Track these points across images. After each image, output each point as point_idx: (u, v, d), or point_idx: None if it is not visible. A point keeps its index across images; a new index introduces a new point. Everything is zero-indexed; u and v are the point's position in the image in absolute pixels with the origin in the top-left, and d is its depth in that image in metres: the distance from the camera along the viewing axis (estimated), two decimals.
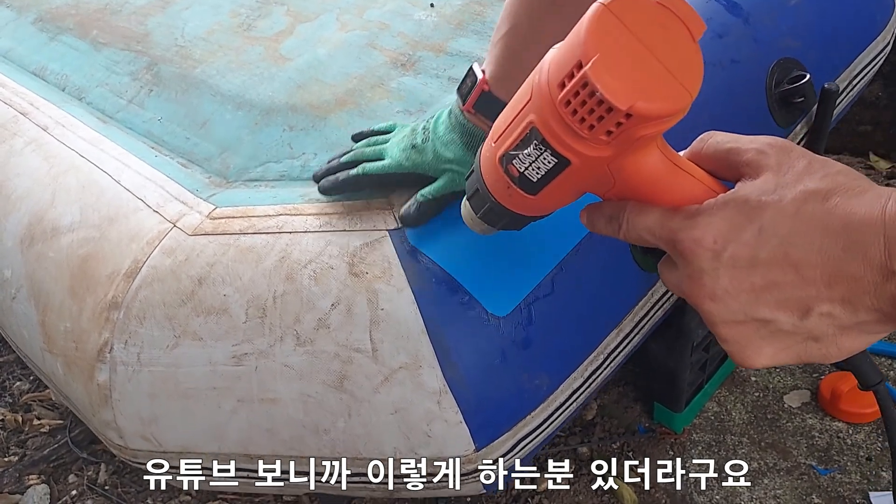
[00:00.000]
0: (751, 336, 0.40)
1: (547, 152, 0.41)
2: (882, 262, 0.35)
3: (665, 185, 0.41)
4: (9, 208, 0.81)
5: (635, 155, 0.40)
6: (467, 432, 0.62)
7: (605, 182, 0.42)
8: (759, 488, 1.00)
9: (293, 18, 0.95)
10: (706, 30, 0.40)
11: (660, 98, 0.37)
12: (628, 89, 0.36)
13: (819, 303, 0.37)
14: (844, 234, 0.36)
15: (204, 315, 0.64)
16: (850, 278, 0.36)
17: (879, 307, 0.36)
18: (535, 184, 0.43)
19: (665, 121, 0.38)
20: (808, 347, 0.39)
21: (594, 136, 0.38)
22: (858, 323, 0.37)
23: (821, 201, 0.37)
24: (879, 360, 1.14)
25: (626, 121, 0.37)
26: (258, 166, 0.76)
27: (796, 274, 0.37)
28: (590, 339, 0.69)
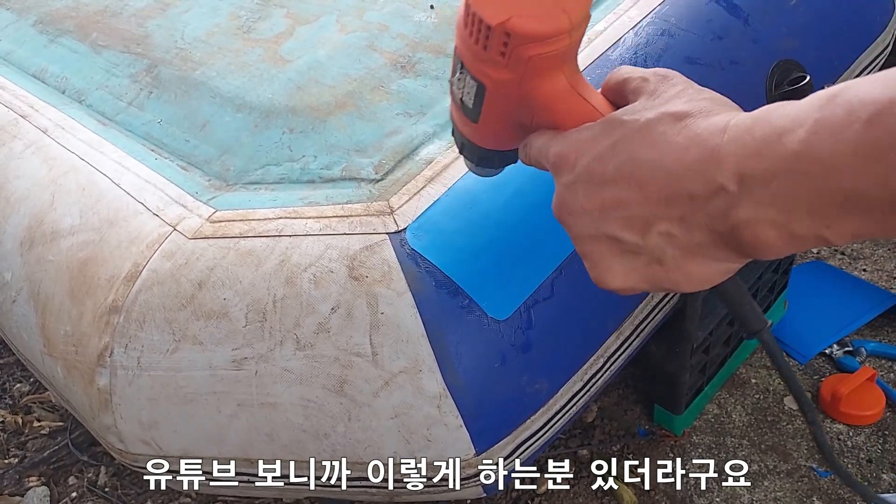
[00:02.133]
0: (603, 253, 0.41)
1: (468, 76, 0.44)
2: (713, 179, 0.34)
3: (564, 110, 0.43)
4: (8, 211, 0.80)
5: (540, 80, 0.42)
6: (467, 436, 0.62)
7: (526, 111, 0.44)
8: (759, 490, 1.00)
9: (293, 20, 0.95)
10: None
11: (534, 17, 0.39)
12: (501, 7, 0.39)
13: (658, 221, 0.38)
14: (684, 152, 0.36)
15: (204, 319, 0.64)
16: (686, 196, 0.36)
17: (710, 225, 0.36)
18: (472, 109, 0.46)
19: (547, 43, 0.39)
20: (655, 271, 0.40)
21: (491, 56, 0.41)
22: (697, 245, 0.37)
23: (674, 122, 0.37)
24: (880, 363, 1.14)
25: (508, 40, 0.39)
26: (258, 169, 0.76)
27: (640, 191, 0.37)
28: (590, 342, 0.69)
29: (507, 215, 0.65)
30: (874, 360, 1.14)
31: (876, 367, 1.12)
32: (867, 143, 0.29)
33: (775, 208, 0.33)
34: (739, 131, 0.34)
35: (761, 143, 0.33)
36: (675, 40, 0.76)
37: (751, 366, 1.16)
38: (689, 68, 0.76)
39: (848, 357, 1.14)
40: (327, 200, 0.68)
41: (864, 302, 1.20)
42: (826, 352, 1.16)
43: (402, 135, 0.74)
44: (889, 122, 0.29)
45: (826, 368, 1.15)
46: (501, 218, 0.65)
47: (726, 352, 1.08)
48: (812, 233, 0.33)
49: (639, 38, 0.76)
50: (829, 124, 0.30)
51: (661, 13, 0.78)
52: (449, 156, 0.69)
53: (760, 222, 0.34)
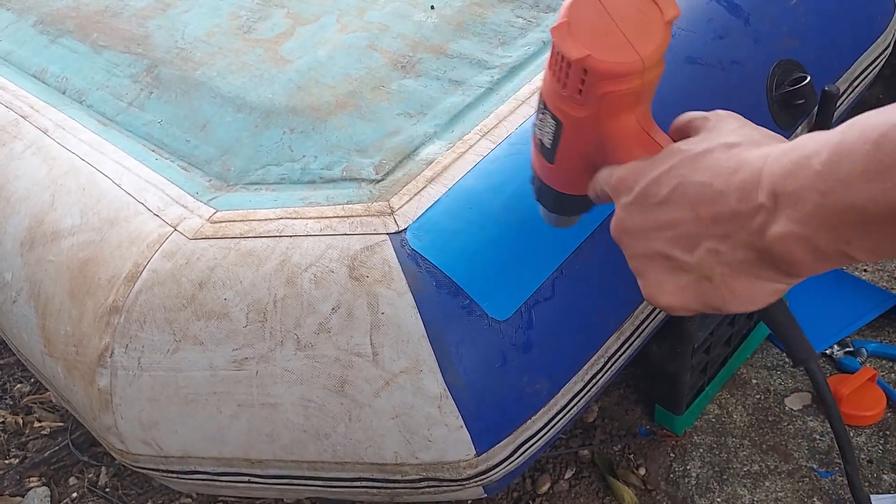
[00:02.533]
0: (655, 271, 0.44)
1: (548, 115, 0.47)
2: (753, 197, 0.37)
3: (635, 149, 0.46)
4: (9, 211, 0.80)
5: (614, 120, 0.45)
6: (468, 437, 0.62)
7: (600, 151, 0.47)
8: (760, 491, 1.00)
9: (293, 20, 0.95)
10: (681, 15, 0.44)
11: (610, 55, 0.42)
12: (581, 45, 0.42)
13: (706, 238, 0.40)
14: (733, 175, 0.39)
15: (204, 319, 0.64)
16: (730, 214, 0.39)
17: (752, 243, 0.38)
18: (549, 150, 0.49)
19: (621, 80, 0.43)
20: (704, 288, 0.42)
21: (570, 94, 0.44)
22: (741, 262, 0.40)
23: (726, 150, 0.40)
24: (881, 363, 1.14)
25: (586, 77, 0.43)
26: (258, 169, 0.76)
27: (692, 211, 0.40)
28: (591, 342, 0.69)
29: (507, 215, 0.64)
30: (875, 361, 1.14)
31: (877, 367, 1.12)
32: (874, 162, 0.32)
33: (802, 224, 0.35)
34: (778, 156, 0.37)
35: (794, 165, 0.35)
36: (675, 40, 0.76)
37: (752, 366, 1.16)
38: (689, 68, 0.76)
39: (849, 357, 1.14)
40: (328, 201, 0.68)
41: (865, 302, 1.20)
42: (827, 352, 1.16)
43: (402, 135, 0.74)
44: (892, 143, 0.31)
45: (827, 369, 1.14)
46: (502, 218, 0.65)
47: (727, 352, 1.08)
48: (834, 248, 0.35)
49: None
50: (846, 146, 0.33)
51: None
52: (449, 156, 0.69)
53: (790, 238, 0.36)
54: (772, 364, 1.16)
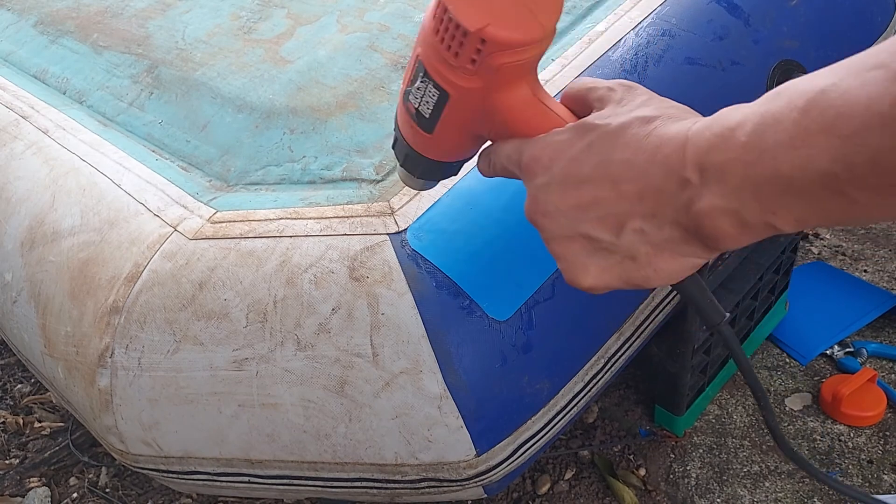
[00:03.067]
0: (578, 253, 0.43)
1: (430, 84, 0.44)
2: (678, 173, 0.37)
3: (530, 120, 0.44)
4: (9, 211, 0.81)
5: (505, 90, 0.43)
6: (468, 437, 0.62)
7: (486, 121, 0.45)
8: (760, 491, 1.00)
9: (293, 21, 0.95)
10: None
11: (511, 25, 0.40)
12: (479, 14, 0.40)
13: (631, 218, 0.39)
14: (655, 151, 0.38)
15: (205, 319, 0.64)
16: (655, 191, 0.38)
17: (678, 219, 0.38)
18: (428, 119, 0.46)
19: (520, 51, 0.41)
20: (628, 268, 0.42)
21: (461, 64, 0.42)
22: (667, 240, 0.39)
23: (644, 125, 0.39)
24: (881, 363, 1.14)
25: (482, 47, 0.40)
26: (259, 169, 0.76)
27: (614, 189, 0.39)
28: (591, 342, 0.69)
29: (507, 216, 0.64)
30: (875, 361, 1.14)
31: (877, 367, 1.12)
32: (800, 129, 0.32)
33: (728, 197, 0.35)
34: (700, 129, 0.36)
35: (718, 138, 0.35)
36: (675, 41, 0.76)
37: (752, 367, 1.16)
38: (689, 69, 0.76)
39: (849, 358, 1.14)
40: (328, 201, 0.68)
41: (866, 303, 1.20)
42: (827, 353, 1.16)
43: None
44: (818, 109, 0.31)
45: (827, 369, 1.14)
46: (502, 219, 0.65)
47: (727, 352, 1.08)
48: (761, 220, 0.35)
49: (639, 38, 0.76)
50: (772, 115, 0.33)
51: (661, 14, 0.78)
52: None
53: (716, 211, 0.36)
54: (772, 364, 1.16)
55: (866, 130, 0.30)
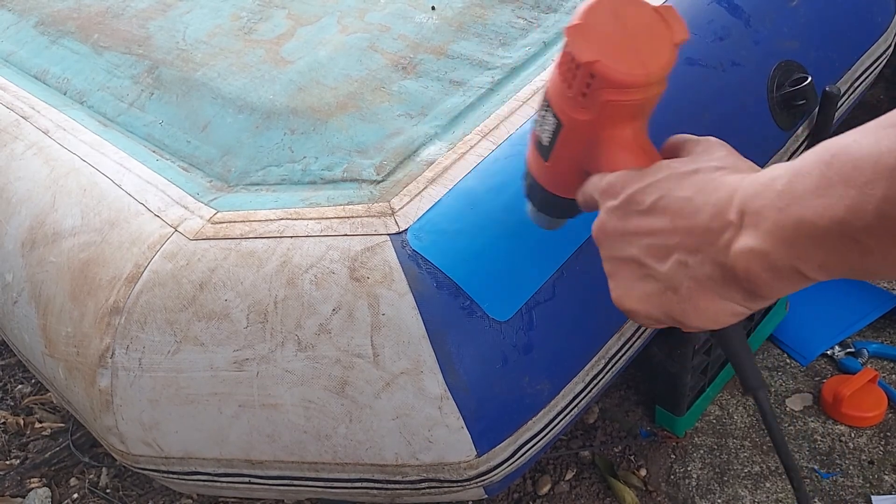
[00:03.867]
0: (626, 275, 0.46)
1: (549, 113, 0.48)
2: (724, 214, 0.39)
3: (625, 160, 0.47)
4: (10, 212, 0.81)
5: (611, 128, 0.46)
6: (469, 438, 0.62)
7: (593, 158, 0.48)
8: (760, 492, 1.00)
9: (294, 21, 0.95)
10: (688, 38, 0.46)
11: (619, 65, 0.43)
12: (593, 49, 0.43)
13: (678, 250, 0.42)
14: (712, 193, 0.41)
15: (205, 320, 0.64)
16: (703, 229, 0.41)
17: (718, 258, 0.40)
18: (545, 147, 0.50)
19: (625, 91, 0.44)
20: (669, 299, 0.44)
21: (573, 95, 0.45)
22: (708, 277, 0.42)
23: (711, 171, 0.42)
24: (882, 364, 1.14)
25: (592, 80, 0.44)
26: (259, 170, 0.76)
27: (669, 222, 0.42)
28: (591, 343, 0.69)
29: (508, 217, 0.64)
30: (876, 362, 1.14)
31: (878, 368, 1.12)
32: (823, 179, 0.35)
33: (761, 240, 0.37)
34: (752, 178, 0.39)
35: (762, 186, 0.38)
36: None
37: None
38: (690, 69, 0.76)
39: (850, 358, 1.14)
40: (328, 201, 0.68)
41: (866, 303, 1.20)
42: (828, 353, 1.15)
43: (403, 136, 0.74)
44: (840, 162, 0.34)
45: (828, 370, 1.14)
46: (502, 219, 0.65)
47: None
48: (788, 264, 0.37)
49: None
50: (804, 167, 0.36)
51: None
52: (450, 157, 0.69)
53: (749, 252, 0.38)
54: (773, 365, 1.16)
55: (875, 181, 0.33)
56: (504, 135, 0.70)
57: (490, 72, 0.79)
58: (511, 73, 0.79)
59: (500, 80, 0.78)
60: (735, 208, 0.39)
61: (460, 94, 0.77)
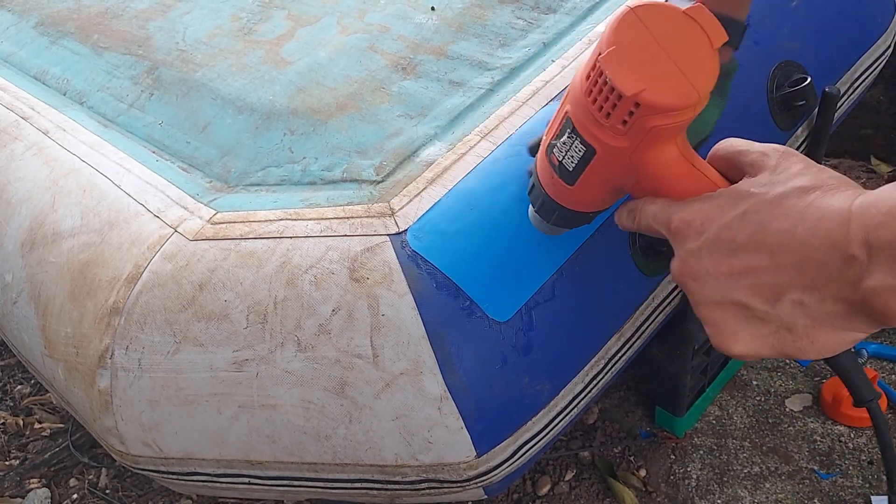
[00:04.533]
0: (728, 320, 0.42)
1: (577, 140, 0.45)
2: (844, 249, 0.36)
3: (678, 179, 0.45)
4: (10, 212, 0.81)
5: (654, 150, 0.43)
6: (468, 438, 0.62)
7: (630, 177, 0.46)
8: (760, 492, 1.00)
9: (294, 22, 0.95)
10: (727, 40, 0.43)
11: (666, 91, 0.40)
12: (636, 79, 0.40)
13: (790, 290, 0.39)
14: (816, 224, 0.38)
15: (205, 320, 0.64)
16: (818, 265, 0.38)
17: (843, 295, 0.38)
18: (571, 173, 0.48)
19: (673, 115, 0.41)
20: (783, 338, 0.41)
21: (612, 124, 0.42)
22: (828, 314, 0.39)
23: (802, 196, 0.39)
24: (882, 364, 1.14)
25: (636, 110, 0.41)
26: (259, 170, 0.76)
27: (771, 259, 0.39)
28: (591, 344, 0.69)
29: (507, 217, 0.64)
30: (876, 362, 1.14)
31: (877, 369, 1.12)
32: None
33: None
34: (866, 205, 0.36)
35: (885, 216, 0.35)
36: None
37: (752, 367, 1.16)
38: None
39: None
40: (328, 202, 0.68)
41: None
42: None
43: (403, 136, 0.74)
44: None
45: (827, 370, 1.14)
46: (502, 220, 0.65)
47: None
48: None
49: None
50: None
51: None
52: (450, 158, 0.69)
53: (888, 290, 0.36)
54: (772, 365, 1.16)
55: None
56: (504, 135, 0.70)
57: (490, 72, 0.79)
58: (511, 73, 0.79)
59: (499, 81, 0.78)
60: (857, 242, 0.36)
61: (460, 94, 0.77)
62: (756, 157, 0.43)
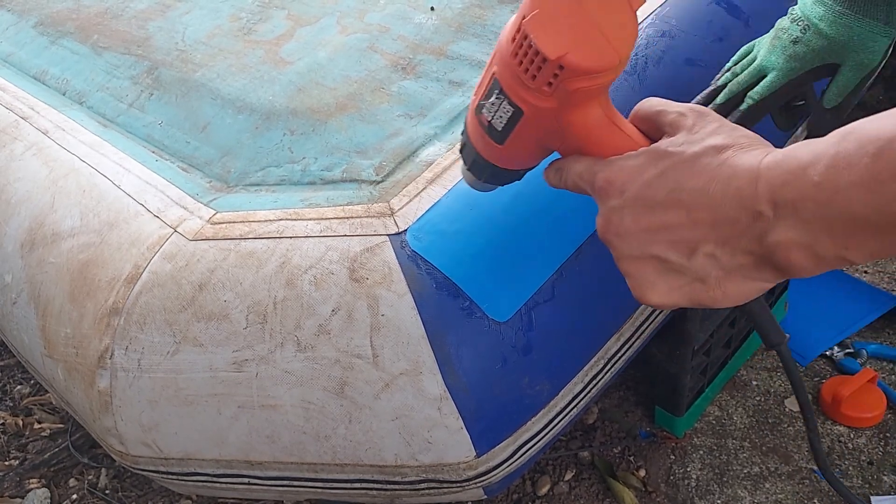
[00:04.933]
0: (647, 272, 0.45)
1: (505, 101, 0.46)
2: (752, 205, 0.39)
3: (601, 139, 0.46)
4: (9, 213, 0.81)
5: (578, 109, 0.45)
6: (468, 438, 0.62)
7: (557, 136, 0.47)
8: (760, 493, 1.00)
9: (293, 22, 0.95)
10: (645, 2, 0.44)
11: (588, 54, 0.42)
12: (559, 42, 0.42)
13: (704, 243, 0.42)
14: (727, 182, 0.40)
15: (204, 321, 0.64)
16: (729, 221, 0.40)
17: (751, 248, 0.40)
18: (500, 132, 0.48)
19: (595, 76, 0.43)
20: (696, 289, 0.44)
21: (538, 86, 0.44)
22: (738, 266, 0.42)
23: (716, 154, 0.41)
24: (881, 365, 1.14)
25: (560, 72, 0.42)
26: (259, 171, 0.76)
27: (687, 216, 0.42)
28: (590, 344, 0.69)
29: (507, 217, 0.65)
30: (875, 362, 1.14)
31: (877, 368, 1.12)
32: (872, 174, 0.34)
33: (802, 232, 0.37)
34: (771, 164, 0.39)
35: (790, 175, 0.37)
36: (675, 41, 0.76)
37: (752, 368, 1.16)
38: (689, 70, 0.76)
39: (849, 359, 1.14)
40: (328, 202, 0.68)
41: (866, 304, 1.20)
42: (827, 354, 1.15)
43: (402, 136, 0.74)
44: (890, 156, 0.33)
45: (827, 370, 1.14)
46: (502, 220, 0.65)
47: (727, 354, 1.08)
48: (833, 254, 0.37)
49: (639, 39, 0.76)
50: (843, 158, 0.35)
51: (661, 14, 0.78)
52: (449, 158, 0.69)
53: (790, 244, 0.38)
54: (772, 366, 1.16)
55: None
56: None
57: None
58: None
59: None
60: (765, 199, 0.38)
61: (459, 94, 0.77)
62: (674, 118, 0.45)
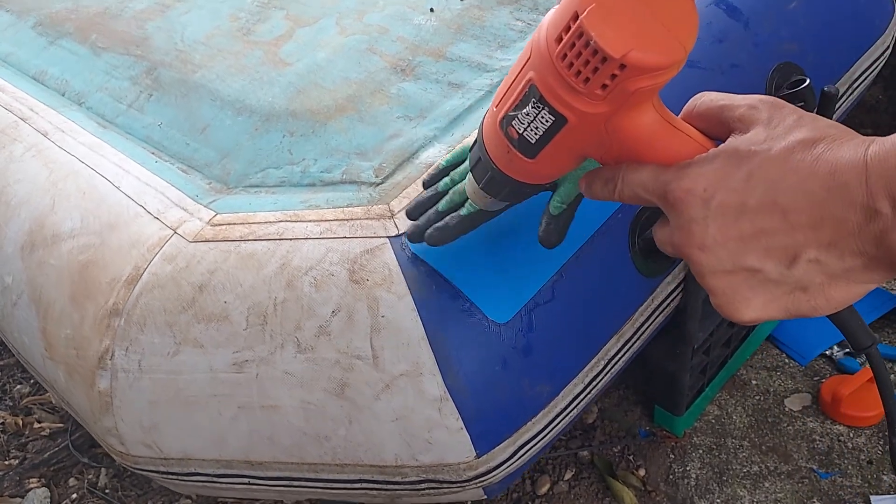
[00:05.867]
0: (739, 286, 0.40)
1: (545, 110, 0.42)
2: (864, 203, 0.35)
3: (660, 143, 0.42)
4: (9, 214, 0.81)
5: (631, 113, 0.41)
6: (468, 439, 0.62)
7: (603, 144, 0.43)
8: (759, 492, 1.00)
9: (293, 22, 0.95)
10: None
11: (654, 49, 0.38)
12: (623, 38, 0.37)
13: (806, 249, 0.38)
14: (829, 178, 0.36)
15: (205, 322, 0.64)
16: (835, 221, 0.36)
17: (864, 249, 0.36)
18: (533, 145, 0.44)
19: (658, 74, 0.38)
20: (797, 299, 0.40)
21: (590, 90, 0.39)
22: (846, 270, 0.38)
23: (808, 149, 0.37)
24: None
25: (620, 72, 0.38)
26: (258, 172, 0.76)
27: (784, 220, 0.38)
28: (590, 345, 0.69)
29: (507, 218, 0.64)
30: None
31: None
32: None
33: None
34: (881, 156, 0.35)
35: None
36: None
37: (751, 367, 1.16)
38: (688, 71, 0.76)
39: (848, 358, 1.14)
40: (328, 204, 0.68)
41: (866, 304, 1.20)
42: (826, 353, 1.16)
43: (402, 138, 0.74)
44: None
45: (826, 370, 1.15)
46: (502, 221, 0.65)
47: (727, 353, 1.08)
48: None
49: None
50: None
51: None
52: None
53: None
54: (771, 365, 1.16)
55: None
56: None
57: (489, 74, 0.79)
58: None
59: (498, 83, 0.78)
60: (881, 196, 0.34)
61: (459, 96, 0.78)
62: (744, 112, 0.41)
